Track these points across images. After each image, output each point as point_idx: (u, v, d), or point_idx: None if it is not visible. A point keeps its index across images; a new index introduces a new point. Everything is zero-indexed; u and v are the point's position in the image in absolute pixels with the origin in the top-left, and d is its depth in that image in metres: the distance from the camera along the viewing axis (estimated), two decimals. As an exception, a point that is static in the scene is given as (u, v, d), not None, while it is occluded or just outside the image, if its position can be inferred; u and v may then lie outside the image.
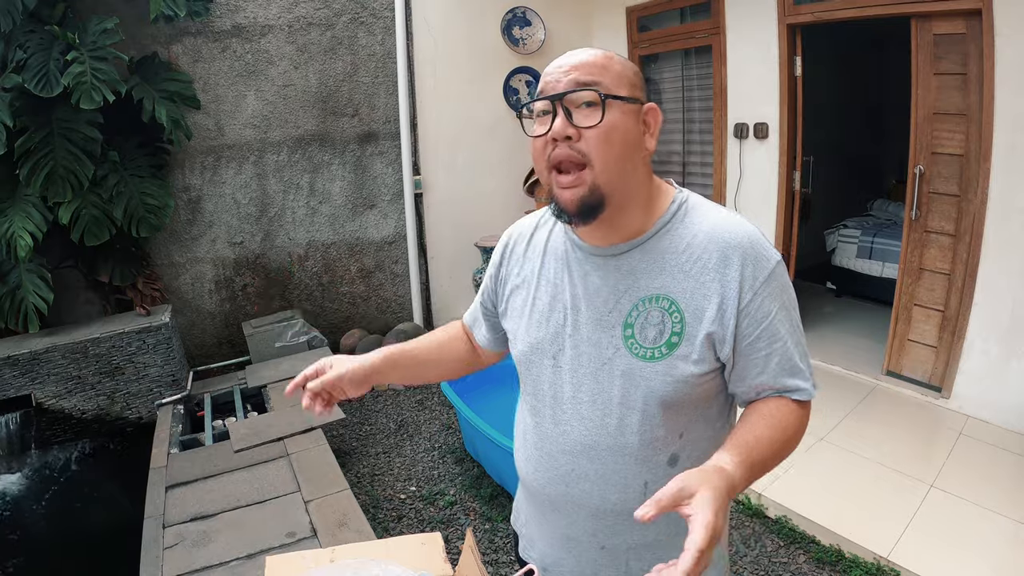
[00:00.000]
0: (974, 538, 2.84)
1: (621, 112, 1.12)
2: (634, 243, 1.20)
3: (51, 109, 3.94)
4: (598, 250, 1.23)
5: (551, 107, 1.13)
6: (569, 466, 1.26)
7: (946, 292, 3.87)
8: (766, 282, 1.15)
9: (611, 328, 1.20)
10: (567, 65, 1.13)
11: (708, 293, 1.14)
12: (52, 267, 4.27)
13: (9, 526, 3.55)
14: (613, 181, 1.13)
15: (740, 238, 1.16)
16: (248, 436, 3.66)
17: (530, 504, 1.42)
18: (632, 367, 1.18)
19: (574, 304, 1.25)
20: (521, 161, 5.69)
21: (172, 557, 2.70)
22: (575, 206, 1.14)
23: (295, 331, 4.89)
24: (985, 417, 3.73)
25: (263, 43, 4.89)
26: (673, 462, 1.22)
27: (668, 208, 1.22)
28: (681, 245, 1.18)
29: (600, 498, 1.25)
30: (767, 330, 1.15)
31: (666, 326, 1.16)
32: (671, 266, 1.17)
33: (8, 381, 3.99)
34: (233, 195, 5.03)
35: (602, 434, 1.22)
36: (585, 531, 1.30)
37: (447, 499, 3.52)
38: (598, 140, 1.11)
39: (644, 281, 1.18)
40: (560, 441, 1.27)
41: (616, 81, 1.13)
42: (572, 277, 1.26)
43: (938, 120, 3.76)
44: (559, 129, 1.11)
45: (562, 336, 1.25)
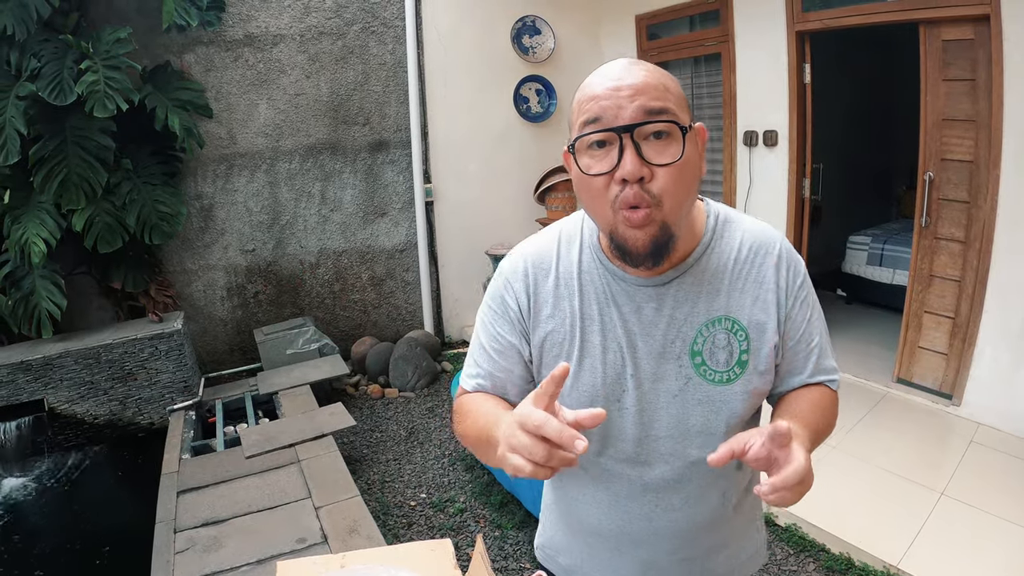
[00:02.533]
0: (985, 546, 2.82)
1: (690, 142, 1.01)
2: (683, 267, 1.13)
3: (65, 117, 3.98)
4: (646, 280, 1.13)
5: (615, 139, 0.98)
6: (653, 503, 1.22)
7: (956, 299, 3.86)
8: (801, 286, 1.16)
9: (676, 359, 1.14)
10: (627, 87, 0.97)
11: (765, 306, 1.14)
12: (65, 273, 4.32)
13: (21, 529, 3.58)
14: (680, 216, 1.04)
15: (777, 245, 1.16)
16: (259, 442, 3.68)
17: (593, 547, 1.33)
18: (710, 394, 1.14)
19: (629, 340, 1.14)
20: (531, 169, 5.72)
21: (183, 562, 2.72)
22: (648, 247, 1.02)
23: (306, 338, 4.91)
24: (996, 424, 3.70)
25: (275, 52, 4.93)
26: (740, 466, 1.23)
27: (707, 225, 1.16)
28: (728, 262, 1.14)
29: (687, 522, 1.23)
30: (806, 333, 1.17)
31: (734, 346, 1.13)
32: (725, 285, 1.13)
33: (21, 386, 4.03)
34: (245, 203, 5.07)
35: (684, 464, 1.18)
36: (666, 552, 1.27)
37: (457, 506, 3.52)
38: (673, 180, 0.99)
39: (703, 305, 1.13)
40: (639, 482, 1.21)
41: (680, 104, 1.01)
42: (621, 311, 1.15)
43: (947, 126, 3.75)
44: (634, 171, 0.96)
45: (623, 377, 1.15)
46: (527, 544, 3.17)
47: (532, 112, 5.76)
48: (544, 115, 5.79)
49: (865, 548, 2.86)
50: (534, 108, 5.77)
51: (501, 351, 1.24)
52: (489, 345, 1.25)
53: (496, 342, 1.24)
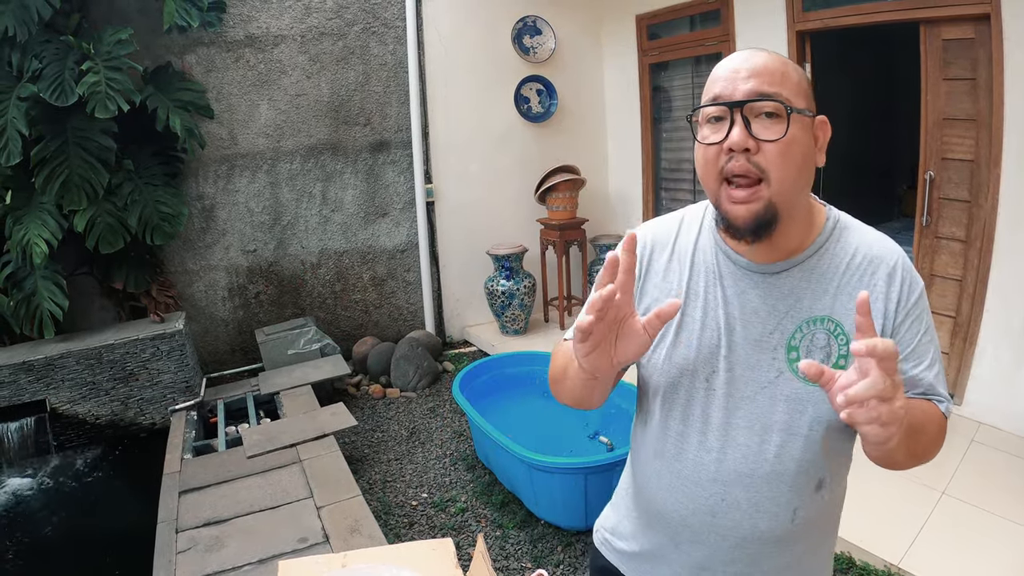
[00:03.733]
0: (986, 545, 2.81)
1: (800, 126, 1.06)
2: (793, 261, 1.15)
3: (66, 118, 3.99)
4: (756, 266, 1.16)
5: (727, 114, 1.06)
6: (719, 495, 1.19)
7: (957, 298, 3.86)
8: (915, 304, 1.14)
9: (772, 350, 1.14)
10: (745, 70, 1.06)
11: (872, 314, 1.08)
12: (67, 274, 4.33)
13: (24, 528, 3.58)
14: (788, 198, 1.07)
15: (895, 259, 1.15)
16: (261, 442, 3.69)
17: (656, 533, 1.32)
18: (799, 391, 1.13)
19: (728, 323, 1.16)
20: (532, 169, 5.72)
21: (185, 561, 2.72)
22: (750, 222, 1.07)
23: (308, 338, 4.92)
24: (997, 424, 3.70)
25: (276, 53, 4.94)
26: (820, 487, 1.20)
27: (824, 226, 1.18)
28: (841, 266, 1.14)
29: (750, 527, 1.19)
30: (915, 352, 1.14)
31: (832, 348, 1.12)
32: (833, 287, 1.13)
33: (23, 386, 4.03)
34: (246, 203, 5.08)
35: (759, 461, 1.16)
36: (723, 560, 1.24)
37: (458, 506, 3.53)
38: (779, 155, 1.04)
39: (807, 302, 1.13)
40: (711, 469, 1.19)
41: (795, 91, 1.06)
42: (726, 293, 1.17)
43: (948, 125, 3.75)
44: (739, 140, 1.04)
45: (716, 357, 1.17)
46: (528, 544, 3.17)
47: (533, 112, 5.77)
48: (545, 115, 5.80)
49: (866, 547, 2.86)
50: (535, 108, 5.78)
51: None
52: None
53: None
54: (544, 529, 3.26)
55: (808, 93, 1.09)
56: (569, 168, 5.58)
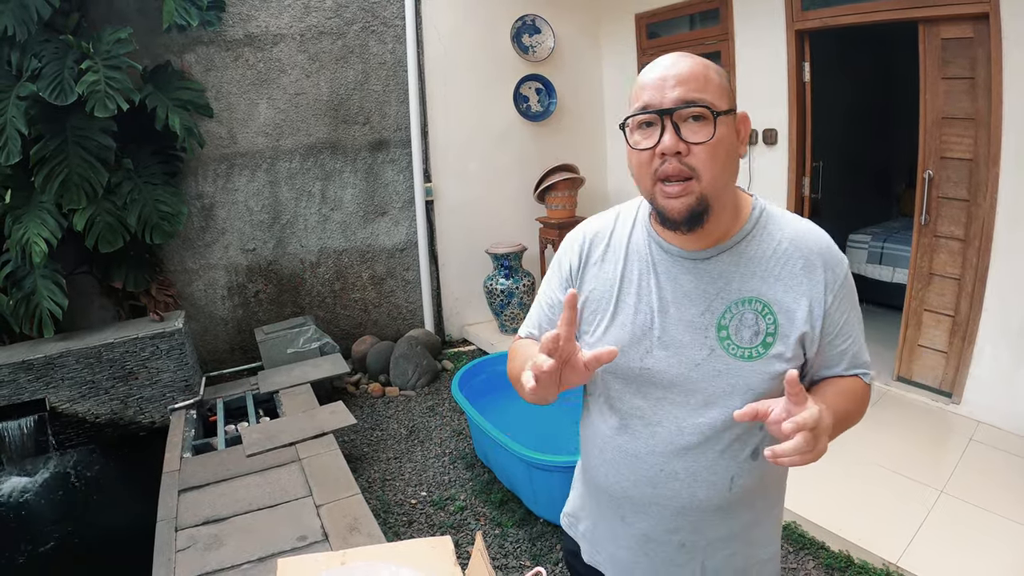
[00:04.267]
0: (985, 544, 2.82)
1: (725, 125, 1.16)
2: (722, 247, 1.24)
3: (66, 117, 3.99)
4: (687, 253, 1.25)
5: (658, 120, 1.15)
6: (658, 467, 1.29)
7: (956, 297, 3.86)
8: (842, 285, 1.24)
9: (703, 330, 1.23)
10: (672, 78, 1.14)
11: (797, 296, 1.21)
12: (67, 273, 4.32)
13: (23, 528, 3.58)
14: (717, 191, 1.17)
15: (821, 244, 1.25)
16: (260, 441, 3.69)
17: (604, 508, 1.43)
18: (730, 367, 1.22)
19: (662, 307, 1.26)
20: (531, 168, 5.73)
21: (184, 560, 2.73)
22: (684, 214, 1.16)
23: (307, 337, 4.92)
24: (996, 423, 3.71)
25: (275, 52, 4.94)
26: (755, 455, 1.28)
27: (751, 215, 1.27)
28: (768, 250, 1.24)
29: (689, 496, 1.28)
30: (843, 329, 1.25)
31: (760, 327, 1.21)
32: (761, 270, 1.23)
33: (23, 385, 4.03)
34: (246, 202, 5.08)
35: (694, 432, 1.25)
36: (667, 530, 1.33)
37: (457, 504, 3.53)
38: (707, 155, 1.14)
39: (736, 284, 1.22)
40: (649, 442, 1.29)
41: (718, 94, 1.15)
42: (659, 280, 1.27)
43: (947, 124, 3.75)
44: (670, 145, 1.13)
45: (649, 338, 1.26)
46: (527, 542, 3.18)
47: (532, 111, 5.77)
48: (544, 114, 5.80)
49: (864, 546, 2.87)
50: (534, 107, 5.78)
51: (551, 306, 1.43)
52: (544, 300, 1.46)
53: (549, 298, 1.44)
54: (543, 527, 3.27)
55: (730, 93, 1.19)
56: (568, 167, 5.59)
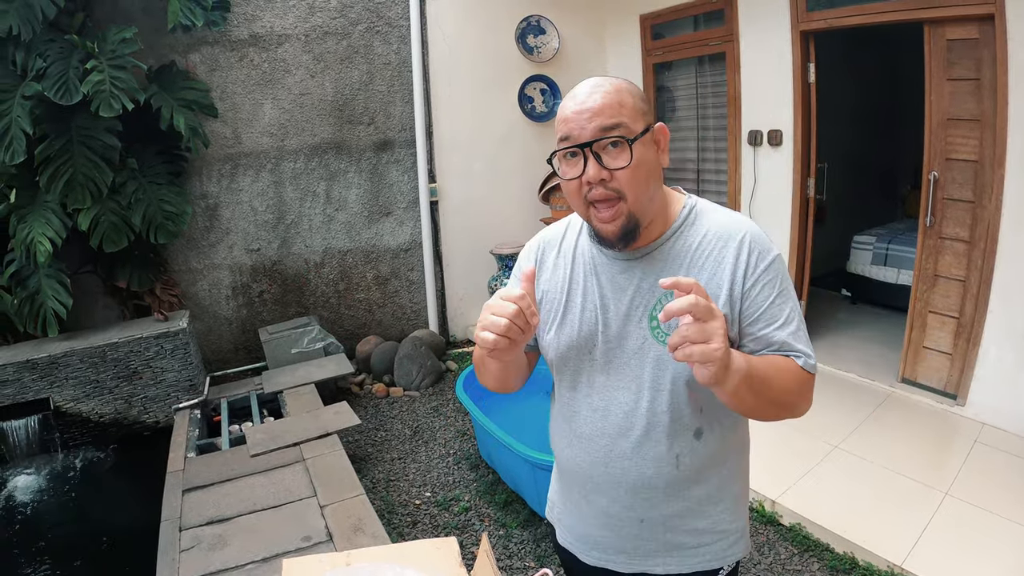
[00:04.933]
0: (989, 546, 2.82)
1: (642, 145, 1.25)
2: (653, 246, 1.35)
3: (71, 117, 4.00)
4: (622, 255, 1.36)
5: (580, 152, 1.24)
6: (608, 447, 1.40)
7: (961, 299, 3.86)
8: (765, 271, 1.30)
9: (638, 321, 1.35)
10: (588, 111, 1.23)
11: (720, 282, 1.30)
12: (71, 272, 4.33)
13: (29, 526, 3.59)
14: (644, 205, 1.28)
15: (742, 233, 1.32)
16: (264, 441, 3.70)
17: (570, 489, 1.55)
18: (660, 354, 1.32)
19: (603, 303, 1.38)
20: (536, 168, 5.72)
21: (188, 560, 2.73)
22: (617, 235, 1.28)
23: (311, 337, 4.92)
24: (1001, 425, 3.70)
25: (280, 52, 4.94)
26: (699, 435, 1.38)
27: (680, 213, 1.37)
28: (694, 244, 1.34)
29: (637, 473, 1.39)
30: (767, 313, 1.30)
31: None
32: (687, 263, 1.33)
33: (27, 385, 4.05)
34: (250, 202, 5.08)
35: (636, 415, 1.36)
36: (624, 507, 1.43)
37: (462, 505, 3.53)
38: (630, 177, 1.24)
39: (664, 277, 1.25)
40: (599, 425, 1.41)
41: (633, 116, 1.24)
42: (600, 279, 1.39)
43: (952, 126, 3.75)
44: (593, 175, 1.23)
45: (595, 333, 1.38)
46: (531, 543, 3.18)
47: (537, 112, 5.77)
48: (549, 115, 5.80)
49: (869, 548, 2.86)
50: (539, 108, 5.78)
51: None
52: None
53: None
54: (547, 528, 3.26)
55: (645, 108, 1.28)
56: (572, 168, 5.58)
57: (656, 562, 1.47)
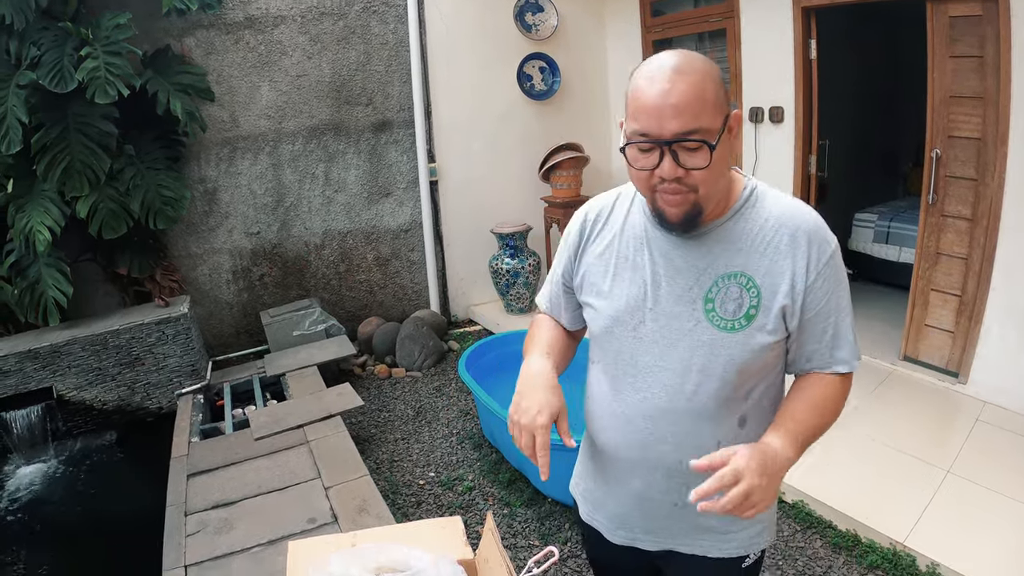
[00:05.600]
0: (991, 524, 2.83)
1: (721, 145, 1.19)
2: (712, 226, 1.30)
3: (66, 105, 3.97)
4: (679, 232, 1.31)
5: (656, 147, 1.18)
6: (648, 430, 1.37)
7: (963, 277, 3.85)
8: (827, 263, 1.28)
9: (692, 302, 1.30)
10: (669, 107, 1.14)
11: (781, 271, 1.27)
12: (71, 261, 4.33)
13: (33, 515, 3.61)
14: (713, 196, 1.25)
15: (807, 223, 1.29)
16: (268, 424, 3.71)
17: (602, 468, 1.53)
18: (715, 337, 1.29)
19: (654, 280, 1.34)
20: (536, 147, 5.70)
21: (194, 544, 2.75)
22: (680, 220, 1.24)
23: (313, 320, 4.93)
24: (1002, 403, 3.70)
25: (276, 34, 4.90)
26: (742, 423, 1.36)
27: (741, 194, 1.32)
28: (755, 228, 1.29)
29: (677, 459, 1.35)
30: (826, 306, 1.30)
31: (744, 300, 1.28)
32: (747, 247, 1.29)
33: (30, 374, 4.05)
34: (249, 186, 5.07)
35: (681, 399, 1.33)
36: (660, 490, 1.41)
37: (466, 485, 3.55)
38: (705, 177, 1.19)
39: (723, 260, 1.29)
40: (640, 407, 1.37)
41: (715, 111, 1.17)
42: (652, 255, 1.35)
43: (955, 103, 3.72)
44: (668, 173, 1.18)
45: (642, 309, 1.34)
46: (535, 521, 3.20)
47: (536, 90, 5.73)
48: (548, 93, 5.76)
49: (871, 525, 2.88)
50: (538, 86, 5.74)
51: (558, 282, 1.57)
52: (554, 274, 1.59)
53: (560, 272, 1.56)
54: (552, 507, 3.28)
55: (724, 98, 1.21)
56: (573, 146, 5.56)
57: (685, 542, 1.47)
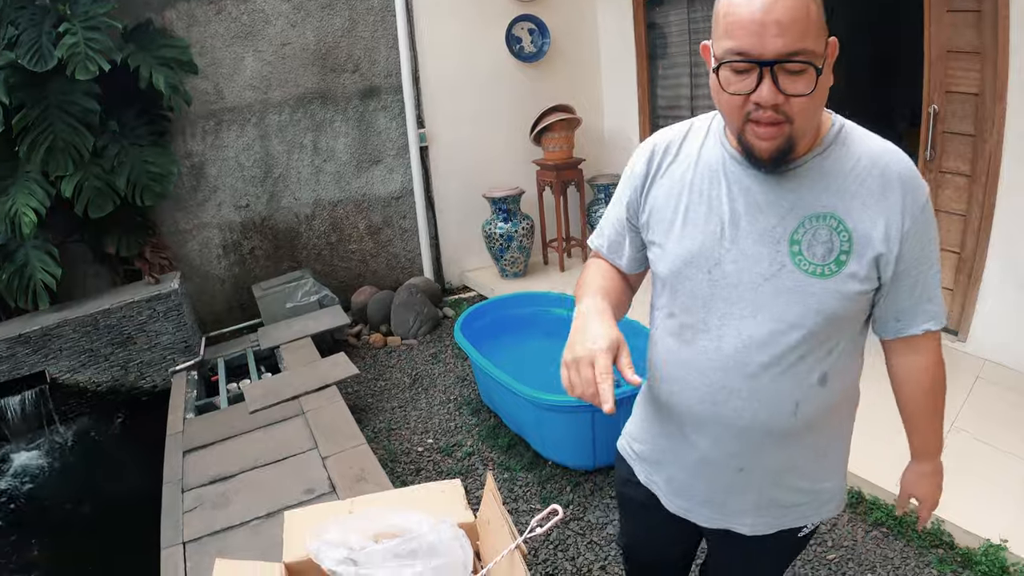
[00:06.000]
0: (993, 480, 2.82)
1: (826, 70, 1.09)
2: (798, 162, 1.18)
3: (47, 83, 3.88)
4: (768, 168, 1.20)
5: (755, 67, 1.06)
6: (720, 383, 1.25)
7: (962, 234, 3.80)
8: (922, 210, 1.18)
9: (775, 243, 1.19)
10: (772, 24, 1.02)
11: (874, 216, 1.16)
12: (58, 242, 4.27)
13: (31, 500, 3.60)
14: (807, 131, 1.14)
15: (901, 166, 1.18)
16: (263, 396, 3.68)
17: (665, 424, 1.41)
18: (801, 283, 1.18)
19: (733, 218, 1.21)
20: (526, 109, 5.59)
21: (192, 520, 2.73)
22: (773, 155, 1.13)
23: (305, 291, 4.88)
24: (1003, 360, 3.67)
25: (258, 2, 4.79)
26: (823, 381, 1.24)
27: (829, 131, 1.21)
28: (845, 167, 1.18)
29: (750, 416, 1.25)
30: (920, 256, 1.20)
31: (834, 244, 1.16)
32: (836, 186, 1.17)
33: (22, 359, 4.01)
34: (236, 158, 4.99)
35: (760, 350, 1.21)
36: (726, 452, 1.30)
37: (465, 450, 3.54)
38: (805, 106, 1.08)
39: (810, 199, 1.18)
40: (713, 357, 1.25)
41: (818, 33, 1.06)
42: (731, 190, 1.22)
43: (952, 58, 3.65)
44: (768, 98, 1.06)
45: (719, 249, 1.22)
46: (536, 485, 3.19)
47: (525, 52, 5.63)
48: (538, 55, 5.66)
49: (874, 481, 2.87)
50: (527, 48, 5.64)
51: (620, 219, 1.42)
52: (614, 213, 1.44)
53: (617, 211, 1.42)
54: (552, 470, 3.27)
55: (824, 22, 1.08)
56: (564, 108, 5.48)
57: (744, 521, 1.37)
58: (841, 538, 2.74)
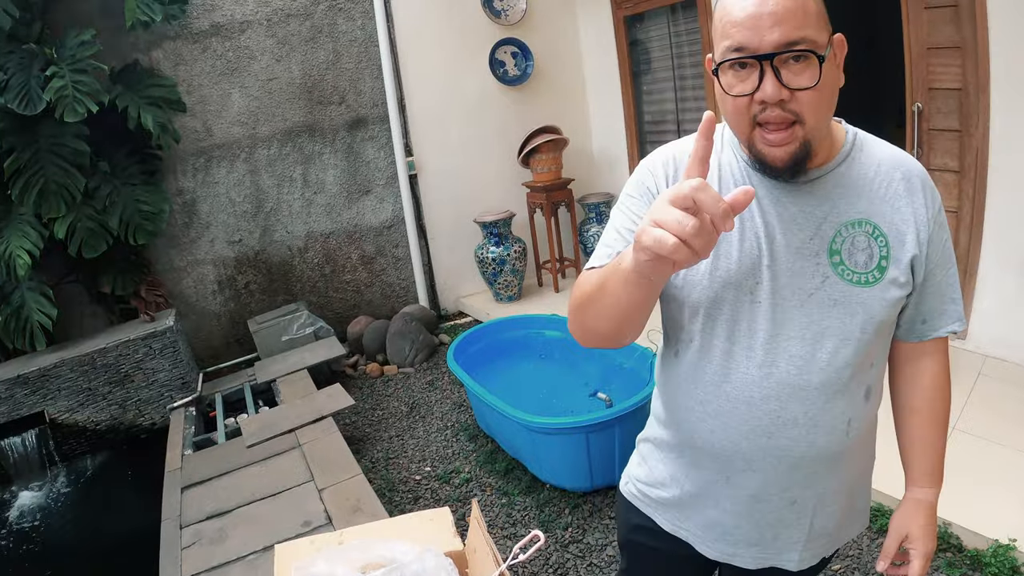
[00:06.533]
0: (1000, 478, 2.79)
1: (828, 63, 1.04)
2: (824, 170, 1.14)
3: (37, 126, 3.93)
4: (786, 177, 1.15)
5: (756, 63, 1.02)
6: (775, 413, 1.16)
7: (955, 231, 3.79)
8: (940, 211, 1.19)
9: (814, 256, 1.13)
10: (768, 16, 0.99)
11: (904, 218, 1.15)
12: (54, 283, 4.29)
13: (32, 539, 3.59)
14: (821, 130, 1.09)
15: (917, 168, 1.19)
16: (260, 431, 3.68)
17: (701, 470, 1.28)
18: (847, 294, 1.13)
19: (768, 232, 1.14)
20: (513, 132, 5.63)
21: (190, 556, 2.72)
22: (788, 163, 1.07)
23: (301, 323, 4.89)
24: (1003, 356, 3.65)
25: (243, 39, 4.85)
26: (868, 395, 1.21)
27: (846, 138, 1.18)
28: (870, 172, 1.16)
29: (807, 444, 1.17)
30: (942, 256, 1.20)
31: (874, 250, 1.14)
32: (866, 192, 1.15)
33: (20, 400, 4.01)
34: (227, 194, 5.02)
35: (813, 370, 1.14)
36: (778, 487, 1.21)
37: (463, 477, 3.51)
38: (813, 100, 1.03)
39: (843, 206, 1.14)
40: (762, 385, 1.15)
41: (819, 24, 1.02)
42: (761, 204, 1.15)
43: (933, 55, 3.66)
44: (772, 94, 1.01)
45: (759, 267, 1.14)
46: (534, 508, 3.16)
47: (509, 75, 5.67)
48: (522, 78, 5.70)
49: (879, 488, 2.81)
50: (511, 71, 5.68)
51: (632, 231, 1.19)
52: (623, 227, 1.21)
53: (632, 223, 1.20)
54: (550, 493, 3.25)
55: (825, 14, 1.05)
56: (551, 129, 5.50)
57: (791, 557, 1.28)
58: (846, 547, 2.70)
